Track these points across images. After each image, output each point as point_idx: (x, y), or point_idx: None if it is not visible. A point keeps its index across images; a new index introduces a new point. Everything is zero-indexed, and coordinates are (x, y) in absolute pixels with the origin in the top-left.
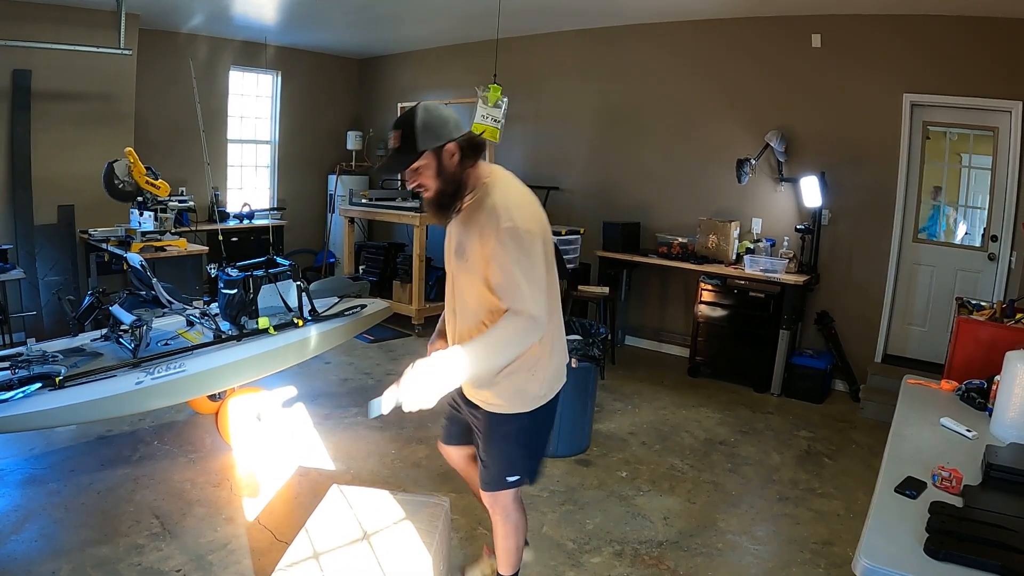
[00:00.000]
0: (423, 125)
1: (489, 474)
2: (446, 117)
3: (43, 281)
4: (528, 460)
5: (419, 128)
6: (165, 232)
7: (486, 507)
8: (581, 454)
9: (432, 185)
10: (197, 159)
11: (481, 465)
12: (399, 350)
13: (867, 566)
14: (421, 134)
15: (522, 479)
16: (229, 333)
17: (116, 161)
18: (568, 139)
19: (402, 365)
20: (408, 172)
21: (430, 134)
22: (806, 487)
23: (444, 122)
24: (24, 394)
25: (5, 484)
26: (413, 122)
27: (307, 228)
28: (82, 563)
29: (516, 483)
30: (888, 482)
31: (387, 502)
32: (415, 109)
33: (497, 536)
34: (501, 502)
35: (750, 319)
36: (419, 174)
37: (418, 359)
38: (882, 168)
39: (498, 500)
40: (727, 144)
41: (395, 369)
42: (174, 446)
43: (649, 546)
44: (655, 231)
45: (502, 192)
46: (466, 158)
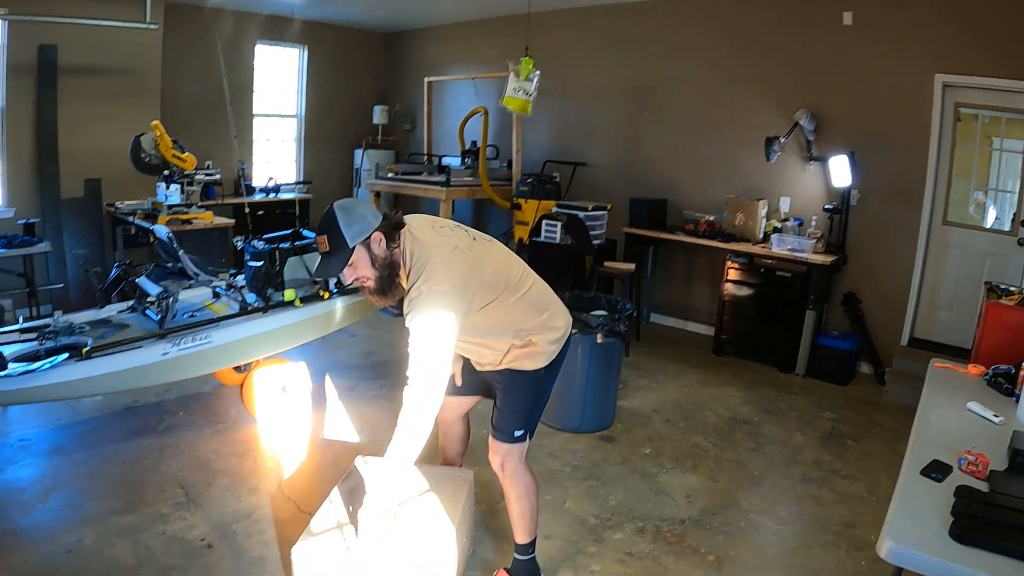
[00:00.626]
0: (346, 224)
1: (502, 421)
2: (362, 211)
3: (70, 254)
4: (534, 413)
5: (343, 227)
6: (191, 205)
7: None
8: (605, 430)
9: (370, 274)
10: (223, 133)
11: (497, 413)
12: None
13: (892, 547)
14: (347, 232)
15: (525, 434)
16: (255, 305)
17: (143, 134)
18: (595, 115)
19: None
20: (346, 271)
21: (354, 229)
22: (829, 468)
23: (362, 215)
24: (51, 365)
25: (32, 454)
26: (336, 224)
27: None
28: (107, 532)
29: (520, 438)
30: (914, 464)
31: (411, 473)
32: (332, 211)
33: (510, 501)
34: (509, 465)
35: (776, 298)
36: (355, 268)
37: None
38: (912, 149)
39: (506, 464)
40: (756, 122)
41: None
42: (199, 417)
43: (671, 523)
44: (682, 208)
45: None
46: (391, 241)
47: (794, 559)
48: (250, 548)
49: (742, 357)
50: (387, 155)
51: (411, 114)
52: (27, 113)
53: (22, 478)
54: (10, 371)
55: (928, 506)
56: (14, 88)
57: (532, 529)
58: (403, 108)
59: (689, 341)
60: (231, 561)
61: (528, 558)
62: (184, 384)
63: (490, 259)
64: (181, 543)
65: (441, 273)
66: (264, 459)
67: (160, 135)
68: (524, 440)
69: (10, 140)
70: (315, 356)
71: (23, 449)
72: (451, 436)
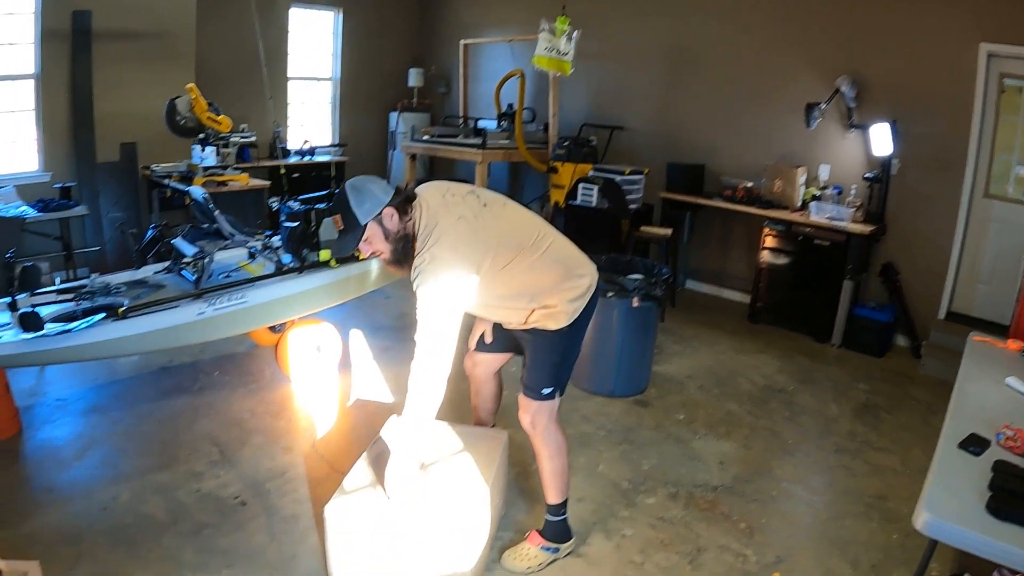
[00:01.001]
0: (357, 202)
1: (531, 378)
2: (372, 188)
3: (106, 218)
4: (562, 371)
5: (354, 206)
6: (227, 167)
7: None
8: (639, 395)
9: (385, 248)
10: (258, 97)
11: (526, 371)
12: None
13: (928, 519)
14: (358, 210)
15: (554, 391)
16: (290, 265)
17: (178, 97)
18: (633, 78)
19: None
20: (361, 246)
21: (365, 207)
22: (863, 440)
23: (372, 193)
24: (87, 325)
25: (69, 413)
26: (348, 203)
27: (368, 165)
28: (142, 489)
29: (549, 396)
30: (952, 437)
31: (446, 433)
32: (344, 191)
33: (541, 460)
34: (540, 423)
35: (814, 267)
36: (370, 243)
37: None
38: (955, 120)
39: (536, 421)
40: (796, 88)
41: None
42: (234, 377)
43: (704, 490)
44: (720, 174)
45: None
46: (403, 214)
47: (826, 530)
48: (283, 506)
49: (778, 326)
50: (422, 118)
51: (446, 77)
52: (62, 79)
53: (59, 437)
54: (47, 331)
55: (965, 480)
56: (49, 54)
57: (563, 489)
58: (438, 71)
59: (724, 308)
60: (264, 519)
61: (560, 519)
62: (219, 344)
63: (501, 224)
64: (215, 500)
65: (445, 242)
66: (298, 419)
67: (195, 98)
68: (553, 398)
69: (46, 106)
70: (350, 317)
71: (60, 409)
72: (483, 394)
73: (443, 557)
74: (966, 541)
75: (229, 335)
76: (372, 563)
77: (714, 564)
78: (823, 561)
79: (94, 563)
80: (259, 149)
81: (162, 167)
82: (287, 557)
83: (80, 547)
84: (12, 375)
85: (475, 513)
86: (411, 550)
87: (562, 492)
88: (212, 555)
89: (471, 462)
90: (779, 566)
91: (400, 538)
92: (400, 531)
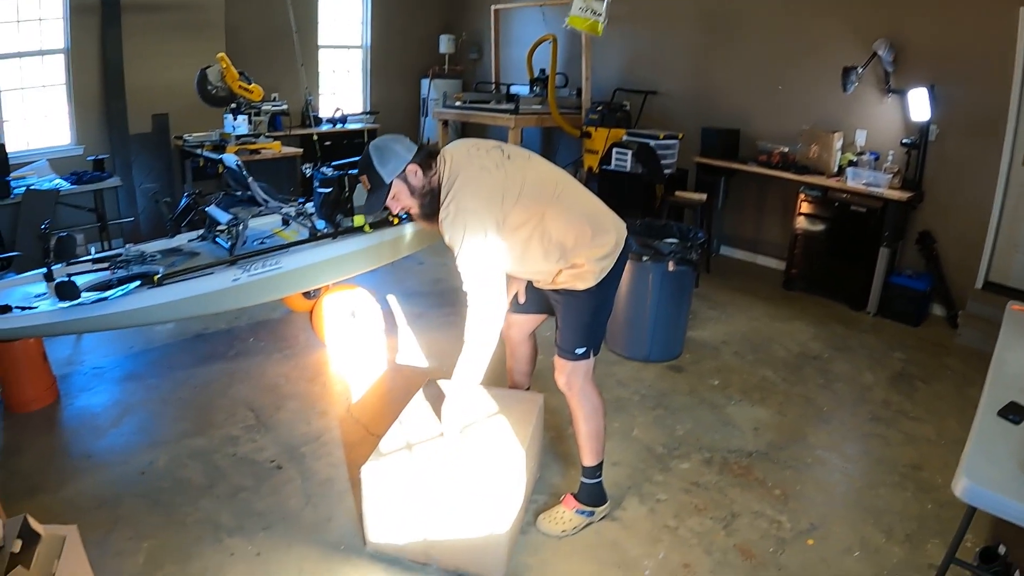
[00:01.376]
0: (380, 162)
1: (564, 338)
2: (395, 147)
3: (139, 189)
4: (593, 331)
5: (378, 166)
6: (259, 135)
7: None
8: (674, 360)
9: (412, 203)
10: (289, 66)
11: (559, 331)
12: None
13: (968, 486)
14: (382, 169)
15: (587, 351)
16: (324, 231)
17: (209, 67)
18: (667, 42)
19: None
20: (389, 203)
21: (389, 167)
22: (898, 409)
23: (395, 151)
24: (123, 292)
25: (105, 381)
26: (372, 164)
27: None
28: (178, 453)
29: (583, 356)
30: (991, 405)
31: (481, 396)
32: (368, 152)
33: (577, 421)
34: (575, 383)
35: (850, 234)
36: (397, 200)
37: None
38: (995, 86)
39: (571, 382)
40: (832, 51)
41: None
42: (269, 343)
43: (738, 455)
44: (755, 139)
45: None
46: (427, 169)
47: (860, 498)
48: (319, 470)
49: (812, 293)
50: (454, 84)
51: (478, 43)
52: (92, 53)
53: (96, 404)
54: (83, 299)
55: (1004, 447)
56: (79, 28)
57: (599, 451)
58: (470, 37)
59: (759, 274)
60: (300, 482)
61: (595, 482)
62: (254, 311)
63: (525, 175)
64: (251, 464)
65: (467, 191)
66: (333, 383)
67: (226, 67)
68: (587, 358)
69: (77, 79)
70: (384, 282)
71: (96, 376)
72: (518, 356)
73: (478, 519)
74: (1005, 508)
75: (264, 301)
76: (407, 525)
77: (748, 530)
78: (857, 529)
79: (132, 526)
80: (291, 118)
81: (194, 137)
82: (323, 519)
83: (118, 511)
84: (49, 344)
85: (510, 476)
86: (446, 512)
87: (597, 454)
88: (249, 518)
89: (506, 425)
90: (813, 533)
91: (435, 500)
92: (436, 493)
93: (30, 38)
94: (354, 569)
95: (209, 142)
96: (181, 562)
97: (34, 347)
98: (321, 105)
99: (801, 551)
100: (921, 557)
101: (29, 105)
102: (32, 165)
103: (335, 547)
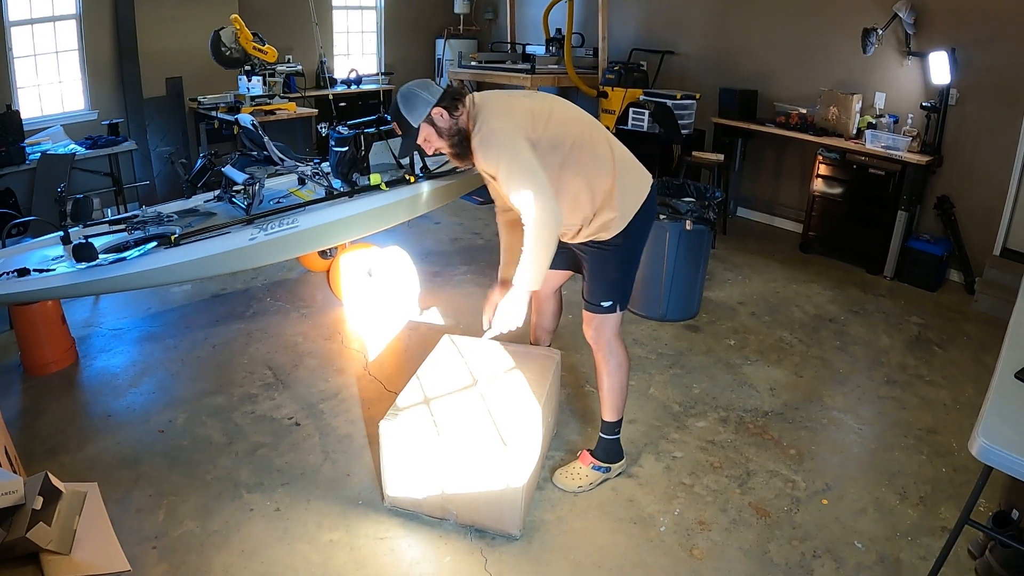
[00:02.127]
0: (407, 108)
1: (591, 292)
2: (421, 93)
3: (155, 152)
4: (619, 285)
5: (405, 112)
6: (274, 96)
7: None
8: (690, 319)
9: (442, 144)
10: (303, 27)
11: (586, 284)
12: None
13: (984, 445)
14: (410, 115)
15: (614, 305)
16: (341, 190)
17: (222, 29)
18: (685, 2)
19: None
20: (423, 145)
21: (416, 111)
22: (914, 373)
23: (421, 97)
24: (141, 253)
25: (124, 342)
26: (399, 110)
27: None
28: (198, 412)
29: (609, 309)
30: (1009, 367)
31: (498, 352)
32: (396, 100)
33: (601, 376)
34: (602, 336)
35: (868, 197)
36: (429, 143)
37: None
38: (1017, 50)
39: (598, 335)
40: (852, 11)
41: None
42: (286, 302)
43: (754, 415)
44: (773, 100)
45: (483, 117)
46: (453, 111)
47: (875, 460)
48: (337, 426)
49: (830, 256)
50: (469, 44)
51: (493, 3)
52: (104, 17)
53: (115, 364)
54: (101, 260)
55: (1021, 409)
56: None
57: (620, 407)
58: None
59: (776, 237)
60: (318, 438)
61: (613, 438)
62: (271, 271)
63: (552, 105)
64: (270, 422)
65: (495, 114)
66: (350, 342)
67: (240, 28)
68: (614, 311)
69: (90, 45)
70: (400, 242)
71: (115, 338)
72: (543, 312)
73: (495, 475)
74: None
75: (281, 260)
76: (425, 480)
77: (763, 488)
78: (871, 491)
79: (152, 484)
80: (305, 79)
81: (209, 99)
82: (341, 475)
83: (138, 469)
84: (67, 306)
85: (527, 430)
86: (463, 468)
87: (618, 410)
88: (268, 474)
89: (523, 380)
90: (827, 493)
91: (453, 456)
92: (453, 449)
93: (42, 4)
94: (372, 524)
95: (224, 104)
96: (201, 518)
97: (52, 309)
98: (336, 66)
99: (816, 510)
100: (934, 520)
101: (43, 71)
102: (47, 131)
103: (353, 502)
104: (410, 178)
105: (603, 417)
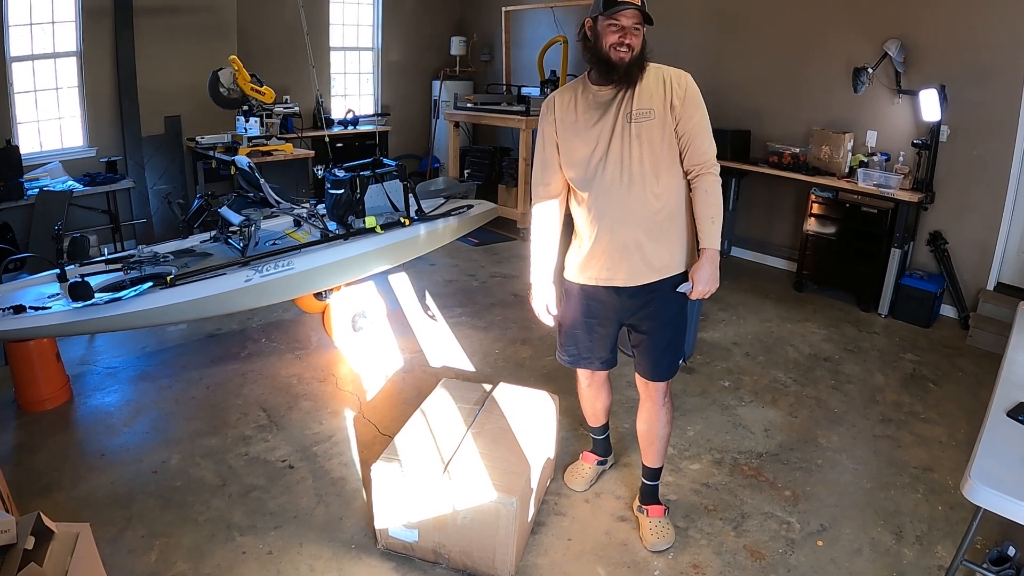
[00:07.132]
0: None
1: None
2: None
3: (152, 190)
4: (684, 328)
5: (645, 7)
6: (271, 137)
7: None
8: (685, 361)
9: (636, 46)
10: (300, 68)
11: (646, 359)
12: (503, 253)
13: (976, 486)
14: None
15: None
16: (336, 232)
17: (221, 69)
18: (675, 42)
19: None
20: (630, 27)
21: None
22: (909, 411)
23: None
24: (136, 293)
25: (118, 381)
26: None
27: (411, 134)
28: (191, 453)
29: (677, 368)
30: (1001, 406)
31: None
32: None
33: (658, 426)
34: (668, 394)
35: (861, 235)
36: (635, 35)
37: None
38: (1006, 87)
39: (666, 395)
40: (843, 52)
41: (499, 271)
42: (281, 343)
43: (749, 456)
44: (766, 140)
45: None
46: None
47: (870, 499)
48: (331, 469)
49: (823, 294)
50: (465, 86)
51: (489, 45)
52: (105, 55)
53: (109, 403)
54: (96, 300)
55: (1014, 448)
56: (91, 31)
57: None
58: (481, 39)
59: (770, 276)
60: (312, 481)
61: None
62: (266, 312)
63: None
64: (263, 464)
65: None
66: (345, 384)
67: (238, 69)
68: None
69: (90, 82)
70: (396, 284)
71: (110, 376)
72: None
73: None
74: (1013, 510)
75: (276, 301)
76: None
77: (758, 531)
78: (867, 530)
79: (144, 524)
80: (302, 120)
81: (207, 139)
82: (334, 518)
83: (131, 509)
84: (63, 343)
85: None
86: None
87: (664, 458)
88: (261, 516)
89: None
90: (823, 534)
91: (446, 500)
92: (446, 493)
93: (43, 41)
94: (365, 567)
95: (221, 144)
96: (193, 560)
97: (48, 346)
98: (333, 107)
99: (811, 552)
100: (931, 559)
101: (42, 107)
102: (46, 167)
103: (346, 546)
104: (405, 221)
105: (653, 465)
